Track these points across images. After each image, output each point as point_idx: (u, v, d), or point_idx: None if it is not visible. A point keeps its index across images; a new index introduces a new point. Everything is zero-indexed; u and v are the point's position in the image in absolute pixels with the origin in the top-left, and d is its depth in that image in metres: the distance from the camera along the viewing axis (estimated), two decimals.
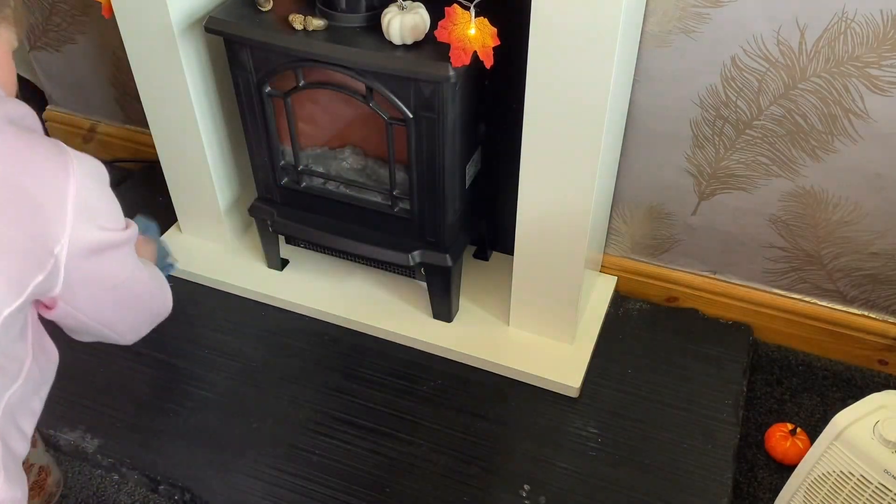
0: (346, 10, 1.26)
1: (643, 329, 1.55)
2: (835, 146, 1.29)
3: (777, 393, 1.48)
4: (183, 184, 1.63)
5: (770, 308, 1.52)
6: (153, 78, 1.46)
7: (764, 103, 1.28)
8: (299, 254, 1.66)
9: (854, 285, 1.45)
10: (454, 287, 1.49)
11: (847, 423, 1.03)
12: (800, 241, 1.43)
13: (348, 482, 1.30)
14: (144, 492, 1.33)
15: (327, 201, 1.48)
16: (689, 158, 1.40)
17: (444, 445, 1.35)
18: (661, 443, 1.35)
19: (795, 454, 1.31)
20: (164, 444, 1.36)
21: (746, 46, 1.23)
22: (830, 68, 1.21)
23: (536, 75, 1.15)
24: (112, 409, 1.42)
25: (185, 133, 1.51)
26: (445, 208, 1.37)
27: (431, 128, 1.27)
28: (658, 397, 1.42)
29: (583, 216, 1.28)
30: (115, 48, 1.81)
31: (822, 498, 1.09)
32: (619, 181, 1.48)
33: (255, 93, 1.37)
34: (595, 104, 1.14)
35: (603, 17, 1.05)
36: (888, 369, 1.50)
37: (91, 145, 2.06)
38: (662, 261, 1.58)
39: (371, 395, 1.43)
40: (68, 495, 1.32)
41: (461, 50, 1.13)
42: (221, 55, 1.39)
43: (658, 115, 1.36)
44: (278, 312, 1.59)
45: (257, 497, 1.28)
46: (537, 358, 1.45)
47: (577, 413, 1.40)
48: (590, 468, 1.31)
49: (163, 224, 1.75)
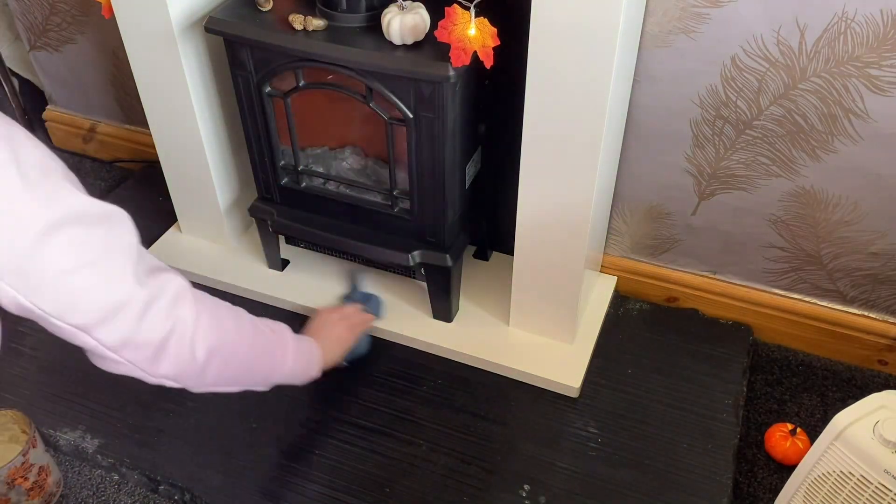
0: (346, 10, 1.26)
1: (643, 329, 1.55)
2: (835, 146, 1.29)
3: (777, 393, 1.48)
4: (183, 184, 1.63)
5: (770, 308, 1.52)
6: (153, 78, 1.46)
7: (764, 103, 1.29)
8: (299, 254, 1.66)
9: (854, 285, 1.45)
10: (454, 287, 1.49)
11: (847, 423, 1.02)
12: (800, 241, 1.43)
13: (348, 482, 1.30)
14: (144, 492, 1.33)
15: (327, 201, 1.48)
16: (689, 158, 1.40)
17: (444, 445, 1.35)
18: (661, 443, 1.35)
19: (795, 454, 1.31)
20: (164, 444, 1.36)
21: (746, 46, 1.23)
22: (830, 68, 1.21)
23: (536, 75, 1.15)
24: (112, 409, 1.42)
25: (185, 133, 1.51)
26: (445, 208, 1.37)
27: (431, 128, 1.27)
28: (658, 397, 1.42)
29: (583, 216, 1.28)
30: (115, 48, 1.81)
31: (822, 498, 1.09)
32: (619, 181, 1.48)
33: (255, 93, 1.37)
34: (595, 104, 1.14)
35: (603, 17, 1.05)
36: (888, 369, 1.50)
37: (91, 145, 2.06)
38: (662, 261, 1.58)
39: (371, 395, 1.43)
40: (68, 495, 1.32)
41: (461, 50, 1.13)
42: (221, 55, 1.39)
43: (658, 115, 1.36)
44: (278, 312, 1.59)
45: (257, 497, 1.28)
46: (537, 358, 1.45)
47: (577, 413, 1.40)
48: (590, 468, 1.32)
49: (163, 224, 1.75)
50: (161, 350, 0.94)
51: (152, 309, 0.92)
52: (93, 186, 1.96)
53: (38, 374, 1.47)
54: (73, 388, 1.45)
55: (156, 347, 0.93)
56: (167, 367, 0.96)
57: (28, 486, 1.24)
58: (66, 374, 1.46)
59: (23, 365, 1.48)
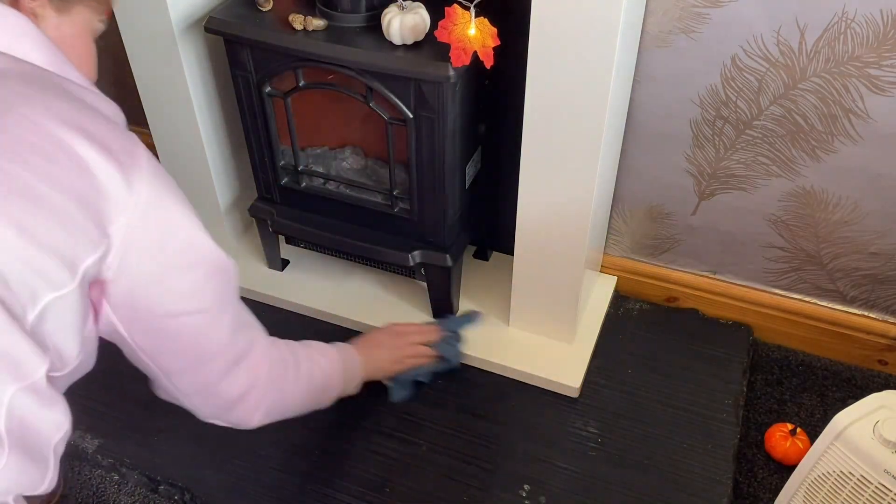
0: (346, 10, 1.26)
1: (643, 329, 1.55)
2: (835, 146, 1.29)
3: (777, 393, 1.48)
4: (183, 184, 1.59)
5: (770, 308, 1.52)
6: (153, 78, 1.46)
7: (764, 103, 1.29)
8: (299, 254, 1.66)
9: (854, 285, 1.45)
10: (454, 287, 1.49)
11: (847, 423, 1.02)
12: (800, 241, 1.43)
13: (348, 482, 1.30)
14: (144, 492, 1.33)
15: (327, 201, 1.48)
16: (689, 158, 1.40)
17: (444, 445, 1.35)
18: (661, 443, 1.35)
19: (795, 454, 1.31)
20: (164, 444, 1.36)
21: (746, 46, 1.23)
22: (830, 68, 1.21)
23: (536, 75, 1.15)
24: (112, 409, 1.42)
25: (185, 133, 1.51)
26: (445, 208, 1.37)
27: (431, 128, 1.27)
28: (658, 397, 1.42)
29: (583, 216, 1.28)
30: (115, 48, 1.81)
31: (822, 498, 1.09)
32: (619, 181, 1.48)
33: (255, 93, 1.37)
34: (595, 104, 1.14)
35: (603, 18, 1.05)
36: (888, 369, 1.50)
37: None
38: (662, 261, 1.58)
39: (371, 395, 1.43)
40: (68, 495, 1.32)
41: (461, 50, 1.13)
42: (221, 55, 1.39)
43: (658, 115, 1.36)
44: (278, 312, 1.59)
45: (257, 497, 1.28)
46: (537, 358, 1.45)
47: (577, 413, 1.40)
48: (590, 468, 1.32)
49: None
50: (227, 409, 0.95)
51: (238, 368, 0.92)
52: None
53: None
54: (73, 388, 1.44)
55: (225, 403, 0.94)
56: (222, 419, 0.98)
57: None
58: None
59: None
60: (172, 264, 0.80)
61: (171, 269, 0.80)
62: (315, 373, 1.11)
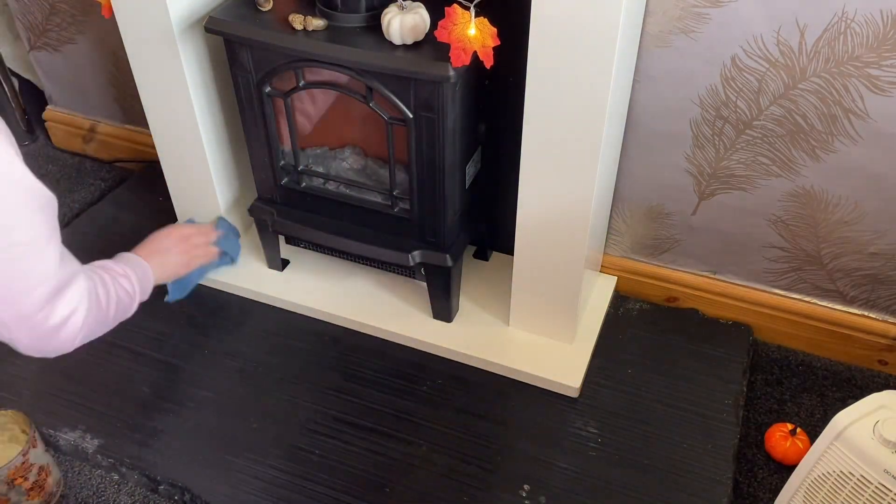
0: (346, 10, 1.26)
1: (643, 329, 1.55)
2: (835, 146, 1.29)
3: (777, 393, 1.48)
4: (183, 184, 1.63)
5: (770, 308, 1.52)
6: (153, 78, 1.46)
7: (764, 103, 1.29)
8: (299, 254, 1.66)
9: (854, 285, 1.45)
10: (454, 287, 1.49)
11: (847, 423, 1.03)
12: (800, 241, 1.43)
13: (348, 482, 1.30)
14: (144, 492, 1.33)
15: (327, 201, 1.48)
16: (689, 158, 1.40)
17: (444, 445, 1.35)
18: (661, 443, 1.35)
19: (795, 454, 1.31)
20: (164, 444, 1.36)
21: (746, 46, 1.23)
22: (830, 68, 1.21)
23: (536, 75, 1.15)
24: (112, 409, 1.42)
25: (185, 133, 1.51)
26: (445, 208, 1.37)
27: (431, 128, 1.27)
28: (658, 397, 1.42)
29: (583, 216, 1.28)
30: (115, 48, 1.81)
31: (822, 498, 1.09)
32: (619, 181, 1.48)
33: (255, 93, 1.37)
34: (595, 104, 1.14)
35: (603, 18, 1.05)
36: (888, 369, 1.50)
37: (91, 145, 2.06)
38: (662, 261, 1.58)
39: (371, 395, 1.43)
40: (68, 495, 1.32)
41: (461, 50, 1.13)
42: (221, 55, 1.39)
43: (658, 115, 1.37)
44: (278, 312, 1.59)
45: (257, 497, 1.28)
46: (537, 358, 1.45)
47: (577, 413, 1.40)
48: (590, 468, 1.32)
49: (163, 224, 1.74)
50: (48, 338, 0.97)
51: (61, 296, 0.96)
52: (93, 187, 1.96)
53: (38, 374, 1.47)
54: (73, 388, 1.45)
55: (47, 332, 0.96)
56: (42, 350, 0.99)
57: (28, 486, 1.24)
58: (66, 374, 1.46)
59: (22, 365, 1.47)
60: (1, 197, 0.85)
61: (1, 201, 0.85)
62: (120, 294, 1.14)
